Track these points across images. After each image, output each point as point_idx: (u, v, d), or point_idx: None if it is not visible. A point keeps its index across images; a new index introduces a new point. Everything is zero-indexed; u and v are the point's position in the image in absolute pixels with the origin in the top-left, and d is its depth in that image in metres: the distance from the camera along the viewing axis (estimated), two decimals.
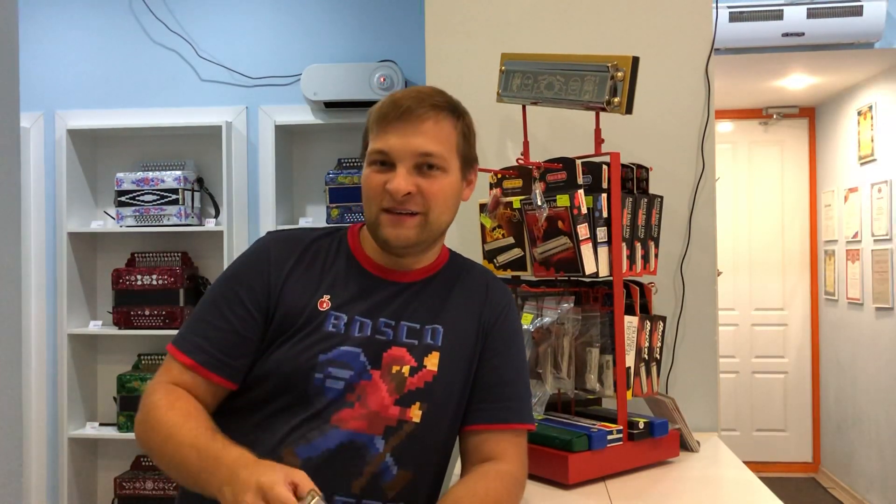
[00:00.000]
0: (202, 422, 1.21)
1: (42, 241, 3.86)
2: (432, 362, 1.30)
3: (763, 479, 1.58)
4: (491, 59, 2.00)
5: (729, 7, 3.70)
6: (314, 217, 3.81)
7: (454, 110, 1.34)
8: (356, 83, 3.55)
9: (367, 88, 3.54)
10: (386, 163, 1.29)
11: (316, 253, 1.36)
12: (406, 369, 1.29)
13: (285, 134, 3.79)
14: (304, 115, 3.72)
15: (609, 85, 1.64)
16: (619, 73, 1.63)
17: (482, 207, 1.87)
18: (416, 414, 1.28)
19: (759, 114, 5.60)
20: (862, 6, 3.61)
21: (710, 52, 2.03)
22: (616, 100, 1.64)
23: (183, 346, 1.29)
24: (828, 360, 5.42)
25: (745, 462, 1.73)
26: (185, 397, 1.26)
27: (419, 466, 1.30)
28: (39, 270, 3.85)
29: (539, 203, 1.68)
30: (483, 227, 1.87)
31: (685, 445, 1.80)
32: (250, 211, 3.77)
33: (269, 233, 1.41)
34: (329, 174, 3.61)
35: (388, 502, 1.27)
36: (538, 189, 1.70)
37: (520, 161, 1.85)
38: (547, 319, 1.69)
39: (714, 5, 2.05)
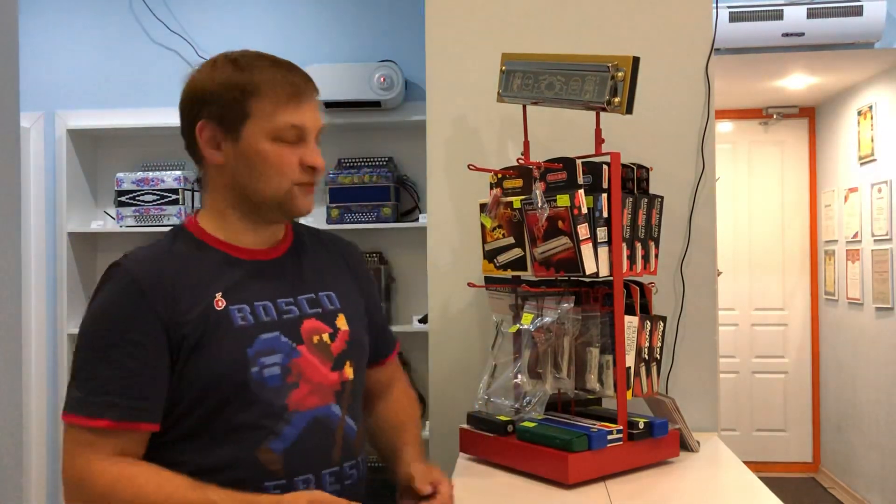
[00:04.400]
0: (179, 481, 1.19)
1: (42, 241, 3.86)
2: (342, 323, 1.38)
3: (763, 479, 1.58)
4: (491, 59, 2.00)
5: (729, 7, 3.70)
6: (314, 217, 3.81)
7: None
8: (356, 83, 3.55)
9: (367, 88, 3.54)
10: (295, 138, 1.30)
11: (180, 259, 1.30)
12: (326, 336, 1.34)
13: None
14: None
15: (609, 85, 1.64)
16: (620, 73, 1.63)
17: (482, 207, 1.87)
18: (349, 372, 1.36)
19: (759, 114, 5.60)
20: (862, 6, 3.61)
21: (710, 52, 2.03)
22: (616, 100, 1.64)
23: (88, 411, 1.20)
24: (828, 360, 5.42)
25: (745, 462, 1.73)
26: (132, 464, 1.20)
27: (360, 415, 1.40)
28: (39, 270, 3.85)
29: (540, 203, 1.68)
30: (483, 226, 1.87)
31: (685, 445, 1.80)
32: None
33: (119, 263, 1.28)
34: (329, 174, 3.61)
35: (356, 458, 1.36)
36: (539, 189, 1.70)
37: (520, 161, 1.85)
38: (547, 319, 1.69)
39: (714, 5, 2.05)
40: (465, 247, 2.05)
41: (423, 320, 3.44)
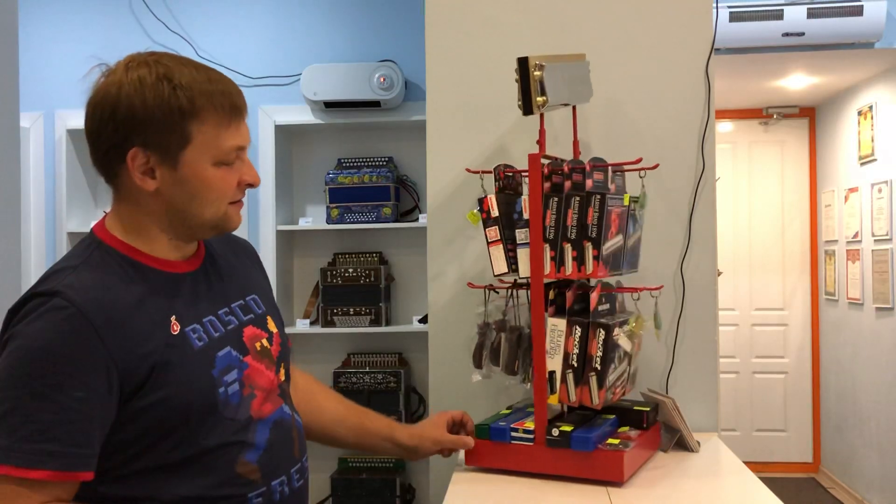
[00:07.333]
0: None
1: (42, 241, 3.87)
2: (272, 325, 1.36)
3: (763, 479, 1.58)
4: (491, 59, 1.99)
5: (729, 7, 3.70)
6: (314, 217, 3.81)
7: None
8: (356, 83, 3.55)
9: (367, 88, 3.54)
10: (236, 159, 1.24)
11: (122, 284, 1.19)
12: (265, 341, 1.33)
13: (285, 134, 3.79)
14: (304, 115, 3.71)
15: (519, 88, 1.67)
16: (516, 77, 1.66)
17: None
18: (283, 373, 1.36)
19: (759, 114, 5.60)
20: (862, 6, 3.61)
21: (710, 52, 2.03)
22: (519, 103, 1.67)
23: (22, 460, 1.06)
24: (828, 360, 5.42)
25: (745, 462, 1.73)
26: None
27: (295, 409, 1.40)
28: (39, 270, 3.85)
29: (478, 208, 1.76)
30: None
31: (685, 445, 1.80)
32: (250, 211, 3.77)
33: (57, 292, 1.13)
34: (329, 174, 3.61)
35: (307, 451, 1.38)
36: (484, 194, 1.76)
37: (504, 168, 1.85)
38: (499, 316, 1.78)
39: (714, 5, 2.05)
40: (465, 247, 2.05)
41: (423, 320, 3.44)
